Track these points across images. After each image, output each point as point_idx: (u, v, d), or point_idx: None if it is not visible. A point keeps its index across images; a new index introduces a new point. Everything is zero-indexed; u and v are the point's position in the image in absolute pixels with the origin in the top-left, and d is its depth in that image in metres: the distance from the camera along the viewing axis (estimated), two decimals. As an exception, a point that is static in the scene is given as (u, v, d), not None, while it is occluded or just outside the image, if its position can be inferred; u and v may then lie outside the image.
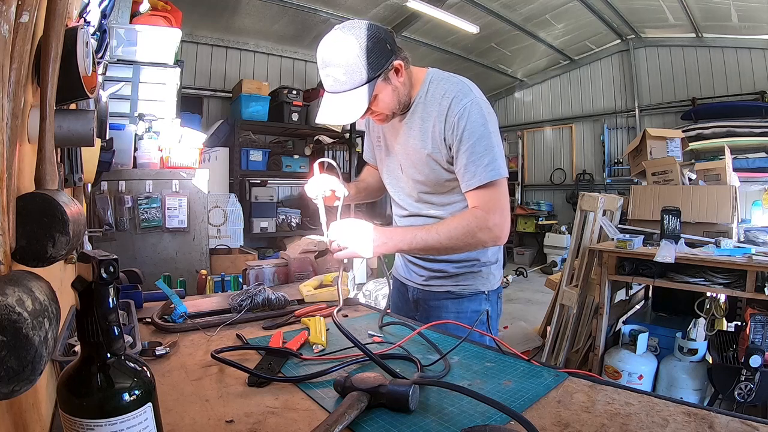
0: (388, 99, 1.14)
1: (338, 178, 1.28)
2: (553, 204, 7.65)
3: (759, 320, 2.05)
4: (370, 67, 1.05)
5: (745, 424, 0.62)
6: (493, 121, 1.16)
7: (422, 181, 1.25)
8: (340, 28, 1.08)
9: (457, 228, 1.11)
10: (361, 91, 1.07)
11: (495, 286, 1.35)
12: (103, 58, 1.42)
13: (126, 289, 1.22)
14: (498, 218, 1.12)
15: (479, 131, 1.11)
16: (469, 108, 1.12)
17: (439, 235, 1.10)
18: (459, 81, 1.19)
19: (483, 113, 1.13)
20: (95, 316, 0.42)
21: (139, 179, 2.51)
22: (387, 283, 1.42)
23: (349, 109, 1.08)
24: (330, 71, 1.07)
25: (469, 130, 1.11)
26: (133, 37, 2.67)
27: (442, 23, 5.33)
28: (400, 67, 1.13)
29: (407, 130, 1.23)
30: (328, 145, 5.33)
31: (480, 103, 1.14)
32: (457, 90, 1.15)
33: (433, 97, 1.18)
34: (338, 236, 1.11)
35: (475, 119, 1.12)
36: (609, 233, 2.78)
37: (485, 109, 1.14)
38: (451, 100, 1.14)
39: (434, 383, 0.74)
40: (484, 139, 1.11)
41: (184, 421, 0.65)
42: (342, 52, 1.05)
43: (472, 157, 1.12)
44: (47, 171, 0.57)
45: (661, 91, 6.23)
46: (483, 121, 1.12)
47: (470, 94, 1.14)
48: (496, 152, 1.13)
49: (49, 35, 0.58)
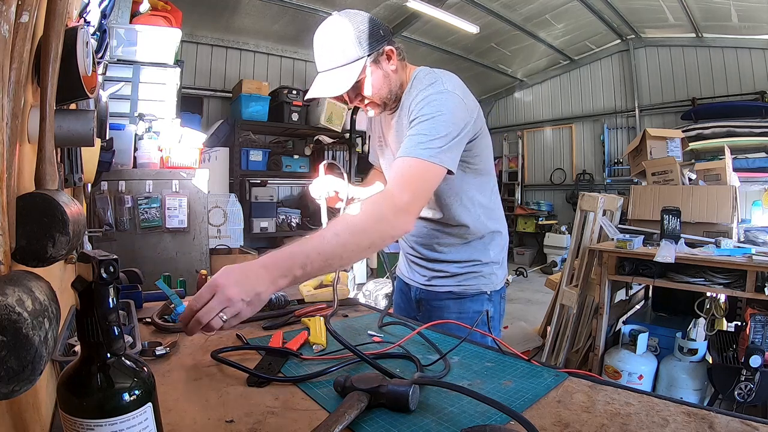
0: (378, 83, 1.15)
1: (343, 180, 1.29)
2: (553, 204, 7.65)
3: (759, 320, 2.05)
4: (361, 46, 1.09)
5: (745, 424, 0.62)
6: (457, 114, 1.07)
7: None
8: (336, 13, 1.12)
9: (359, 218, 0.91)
10: (350, 68, 1.10)
11: (498, 286, 1.34)
12: (103, 58, 1.42)
13: (126, 289, 1.22)
14: (407, 197, 0.95)
15: (432, 115, 1.04)
16: (432, 96, 1.07)
17: (338, 236, 0.87)
18: (436, 75, 1.15)
19: (446, 103, 1.06)
20: (95, 316, 0.42)
21: (139, 179, 2.51)
22: (389, 284, 1.42)
23: (336, 83, 1.11)
24: (322, 51, 1.12)
25: (423, 113, 1.05)
26: (133, 37, 2.67)
27: (442, 23, 5.33)
28: (391, 53, 1.14)
29: (398, 127, 1.23)
30: (328, 145, 5.33)
31: (447, 94, 1.08)
32: (429, 82, 1.12)
33: (416, 92, 1.15)
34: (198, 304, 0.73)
35: (434, 106, 1.05)
36: (609, 233, 2.78)
37: (450, 100, 1.07)
38: (421, 90, 1.11)
39: (434, 383, 0.74)
40: (434, 122, 1.03)
41: (184, 421, 0.65)
42: (334, 32, 1.10)
43: (411, 132, 1.04)
44: (47, 171, 0.57)
45: (661, 91, 6.22)
46: (442, 109, 1.05)
47: (440, 86, 1.10)
48: (443, 139, 1.01)
49: (49, 35, 0.58)
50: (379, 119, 1.34)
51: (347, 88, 1.10)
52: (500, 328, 1.41)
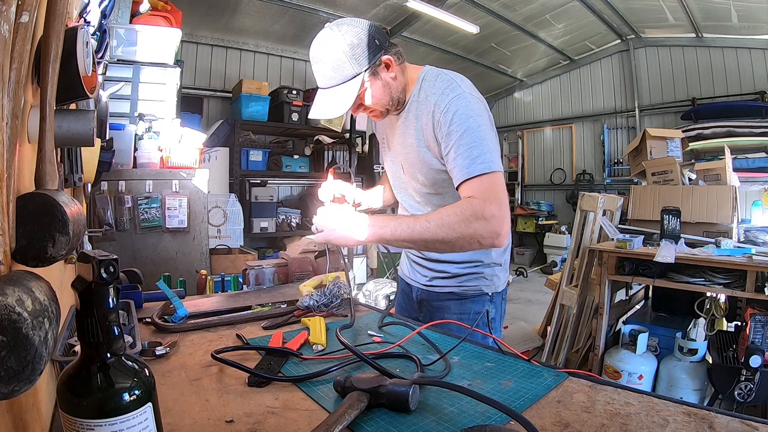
0: (378, 94, 1.15)
1: (352, 184, 1.30)
2: (553, 204, 7.66)
3: (759, 320, 2.05)
4: (356, 63, 1.08)
5: (745, 424, 0.62)
6: (483, 115, 1.10)
7: (422, 181, 1.25)
8: (330, 25, 1.11)
9: (449, 215, 1.02)
10: (348, 86, 1.09)
11: (499, 288, 1.33)
12: (103, 58, 1.42)
13: (126, 289, 1.22)
14: (496, 209, 1.01)
15: (466, 124, 1.06)
16: (455, 102, 1.08)
17: (429, 223, 1.02)
18: (449, 77, 1.16)
19: (470, 107, 1.09)
20: (95, 316, 0.42)
21: (139, 179, 2.51)
22: (389, 284, 1.42)
23: (337, 103, 1.11)
24: (319, 67, 1.11)
25: (456, 124, 1.07)
26: (133, 37, 2.67)
27: (442, 23, 5.33)
28: (389, 62, 1.14)
29: (404, 129, 1.23)
30: (328, 145, 5.33)
31: (467, 97, 1.10)
32: (444, 86, 1.12)
33: (425, 94, 1.16)
34: (321, 220, 1.10)
35: (463, 112, 1.07)
36: (609, 233, 2.78)
37: (473, 104, 1.10)
38: (439, 96, 1.11)
39: (434, 383, 0.74)
40: (472, 131, 1.06)
41: (184, 421, 0.65)
42: (328, 49, 1.09)
43: (459, 149, 1.06)
44: (47, 171, 0.57)
45: (661, 91, 6.23)
46: (470, 114, 1.08)
47: (457, 89, 1.11)
48: (487, 146, 1.06)
49: (49, 35, 0.58)
50: (382, 122, 1.34)
51: (347, 108, 1.10)
52: (501, 329, 1.40)
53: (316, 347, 0.95)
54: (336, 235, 1.09)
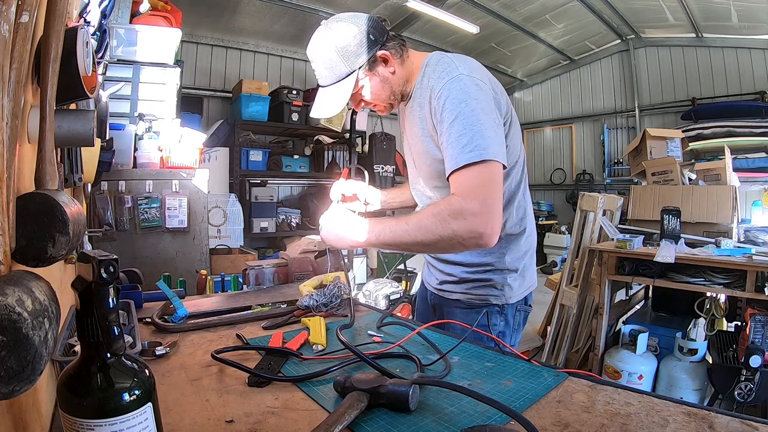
0: (376, 89, 1.13)
1: (365, 183, 1.30)
2: (553, 204, 7.65)
3: (759, 320, 2.05)
4: (347, 61, 1.07)
5: (745, 424, 0.62)
6: (480, 99, 1.00)
7: (429, 173, 1.17)
8: (324, 23, 1.10)
9: (427, 216, 0.96)
10: (342, 84, 1.09)
11: (511, 300, 1.21)
12: (103, 58, 1.42)
13: (126, 289, 1.22)
14: (477, 206, 0.91)
15: (457, 109, 0.98)
16: (449, 86, 1.01)
17: (408, 225, 0.98)
18: (449, 59, 1.09)
19: (465, 90, 1.00)
20: (95, 316, 0.42)
21: (139, 179, 2.51)
22: (389, 284, 1.42)
23: (333, 102, 1.11)
24: (315, 66, 1.12)
25: (448, 110, 0.99)
26: (133, 37, 2.67)
27: (442, 23, 5.33)
28: (386, 57, 1.11)
29: (411, 118, 1.18)
30: (328, 145, 5.32)
31: (463, 79, 1.01)
32: (442, 69, 1.05)
33: (427, 80, 1.10)
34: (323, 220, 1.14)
35: (455, 97, 0.99)
36: (609, 233, 2.78)
37: (469, 86, 1.01)
38: (435, 81, 1.05)
39: (434, 383, 0.74)
40: (463, 117, 0.97)
41: (184, 421, 0.65)
42: (322, 48, 1.09)
43: (450, 139, 0.98)
44: (47, 171, 0.57)
45: (661, 91, 6.23)
46: (463, 98, 0.99)
47: (454, 71, 1.03)
48: (479, 132, 0.95)
49: (49, 35, 0.58)
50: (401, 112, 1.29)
51: (342, 106, 1.10)
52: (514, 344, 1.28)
53: (316, 347, 0.95)
54: (332, 236, 1.11)
